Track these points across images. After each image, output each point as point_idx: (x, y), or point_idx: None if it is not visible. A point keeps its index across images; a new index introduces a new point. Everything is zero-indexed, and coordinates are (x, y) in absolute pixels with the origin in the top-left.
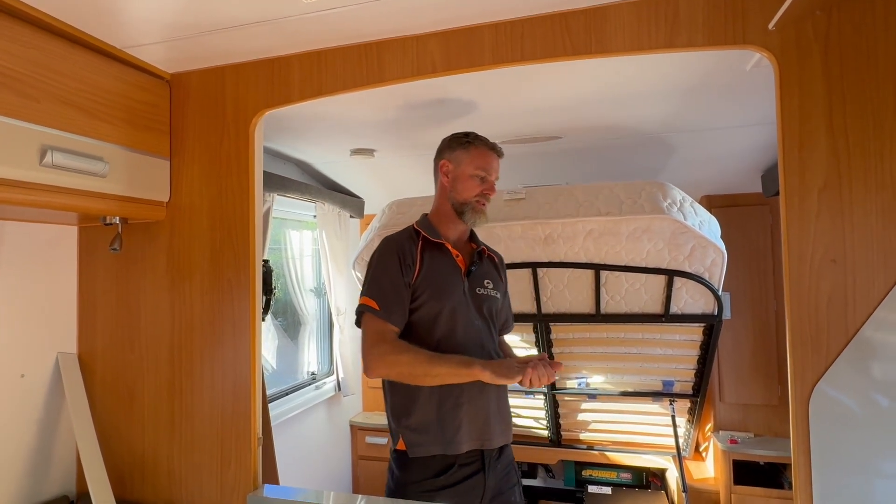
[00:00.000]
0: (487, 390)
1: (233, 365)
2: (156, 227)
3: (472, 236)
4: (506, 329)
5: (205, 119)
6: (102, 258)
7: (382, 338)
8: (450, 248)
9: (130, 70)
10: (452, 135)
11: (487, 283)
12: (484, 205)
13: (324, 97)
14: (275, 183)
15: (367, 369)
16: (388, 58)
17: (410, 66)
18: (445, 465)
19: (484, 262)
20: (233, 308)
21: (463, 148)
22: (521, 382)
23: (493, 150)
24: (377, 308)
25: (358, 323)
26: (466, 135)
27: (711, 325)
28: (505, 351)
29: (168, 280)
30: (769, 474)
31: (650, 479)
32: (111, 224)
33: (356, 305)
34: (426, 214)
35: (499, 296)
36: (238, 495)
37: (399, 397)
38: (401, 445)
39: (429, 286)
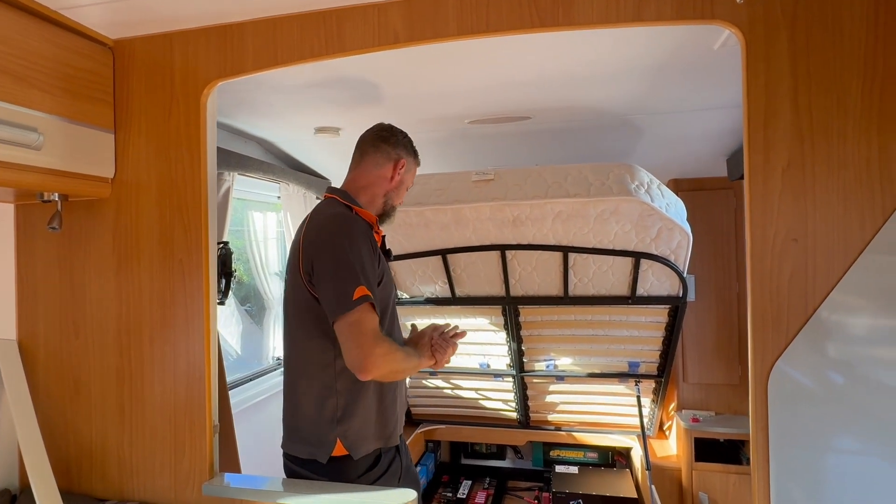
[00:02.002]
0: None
1: (185, 350)
2: (100, 205)
3: None
4: None
5: (152, 89)
6: (42, 238)
7: (379, 334)
8: (377, 231)
9: (68, 34)
10: (406, 136)
11: (389, 268)
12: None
13: (280, 68)
14: (234, 161)
15: (367, 371)
16: (347, 27)
17: (372, 37)
18: (375, 458)
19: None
20: (185, 291)
21: (414, 159)
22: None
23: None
24: (373, 299)
25: (335, 313)
26: (413, 144)
27: (676, 307)
28: None
29: (114, 261)
30: (728, 451)
31: (616, 458)
32: (50, 201)
33: (340, 295)
34: (347, 192)
35: None
36: (193, 485)
37: (342, 400)
38: (339, 451)
39: (383, 273)
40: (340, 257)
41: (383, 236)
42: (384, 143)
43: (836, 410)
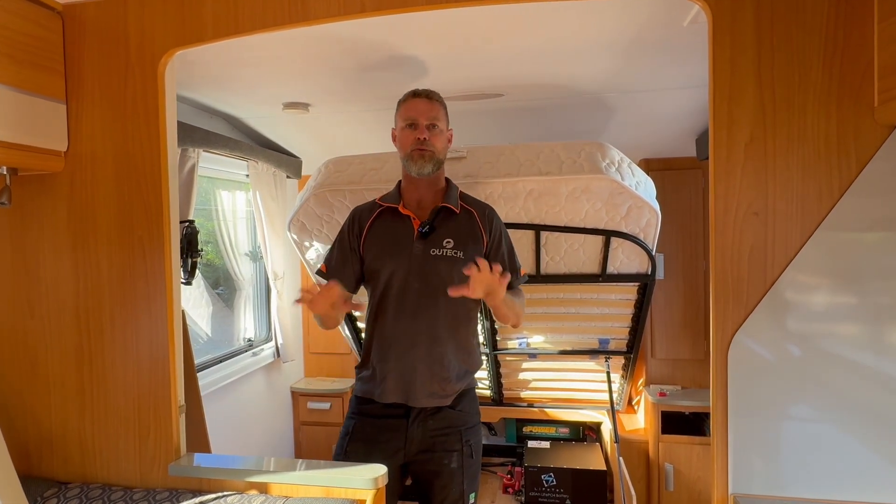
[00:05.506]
0: (416, 353)
1: (148, 329)
2: (53, 179)
3: (449, 194)
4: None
5: (105, 58)
6: None
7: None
8: (403, 210)
9: None
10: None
11: (447, 242)
12: (421, 151)
13: (241, 36)
14: (199, 137)
15: None
16: None
17: (337, 5)
18: (371, 401)
19: (453, 220)
20: (146, 268)
21: (397, 110)
22: None
23: (416, 95)
24: (325, 271)
25: None
26: (404, 95)
27: (645, 285)
28: (507, 307)
29: (70, 238)
30: (693, 423)
31: (586, 433)
32: None
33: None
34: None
35: (461, 255)
36: (159, 465)
37: (363, 352)
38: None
39: (372, 249)
40: None
41: (438, 209)
42: None
43: (793, 380)
